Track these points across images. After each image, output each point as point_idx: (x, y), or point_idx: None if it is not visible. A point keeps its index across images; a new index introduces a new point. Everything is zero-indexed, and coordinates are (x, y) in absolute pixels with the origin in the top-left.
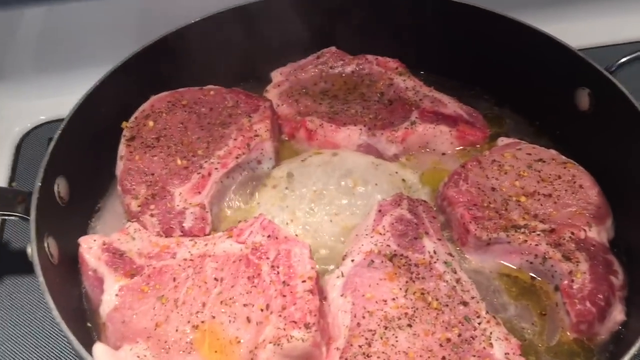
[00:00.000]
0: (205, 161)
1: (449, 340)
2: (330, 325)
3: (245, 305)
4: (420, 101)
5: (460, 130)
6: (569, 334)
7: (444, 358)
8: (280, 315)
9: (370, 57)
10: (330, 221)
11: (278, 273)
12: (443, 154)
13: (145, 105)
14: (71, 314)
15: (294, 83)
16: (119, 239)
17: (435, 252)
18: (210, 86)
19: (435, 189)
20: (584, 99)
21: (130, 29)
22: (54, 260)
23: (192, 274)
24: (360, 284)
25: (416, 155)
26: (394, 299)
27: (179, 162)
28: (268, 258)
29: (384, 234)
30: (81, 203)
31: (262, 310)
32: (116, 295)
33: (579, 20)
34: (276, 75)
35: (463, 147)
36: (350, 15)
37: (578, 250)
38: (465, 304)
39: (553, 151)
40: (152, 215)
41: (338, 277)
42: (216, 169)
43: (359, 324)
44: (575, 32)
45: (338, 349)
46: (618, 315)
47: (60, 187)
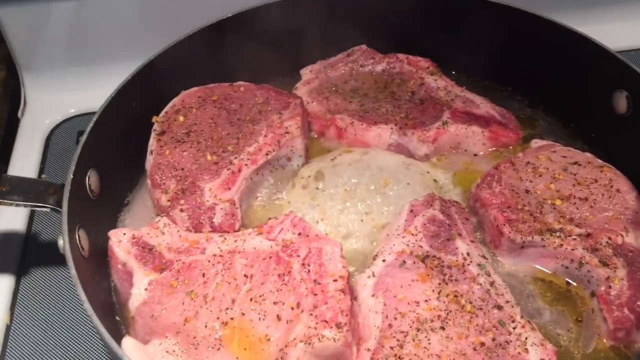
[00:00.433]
0: (235, 157)
1: (482, 344)
2: (360, 326)
3: (275, 303)
4: (451, 101)
5: (492, 131)
6: (605, 341)
7: None
8: (312, 314)
9: (401, 56)
10: (361, 220)
11: (309, 271)
12: (475, 155)
13: (175, 100)
14: (100, 307)
15: (323, 81)
16: (149, 233)
17: (468, 254)
18: (240, 82)
19: (467, 190)
20: (621, 102)
21: (162, 22)
22: (84, 253)
23: (222, 270)
24: (392, 285)
25: (447, 156)
26: (426, 301)
27: (208, 158)
28: (299, 256)
29: (416, 235)
30: (111, 196)
31: (293, 309)
32: (145, 290)
33: (618, 22)
34: (306, 72)
35: (495, 149)
36: (382, 14)
37: (615, 255)
38: (499, 307)
39: (589, 154)
40: (182, 210)
41: (369, 277)
42: (246, 165)
43: (390, 325)
44: (614, 34)
45: (369, 349)
46: None
47: (92, 180)
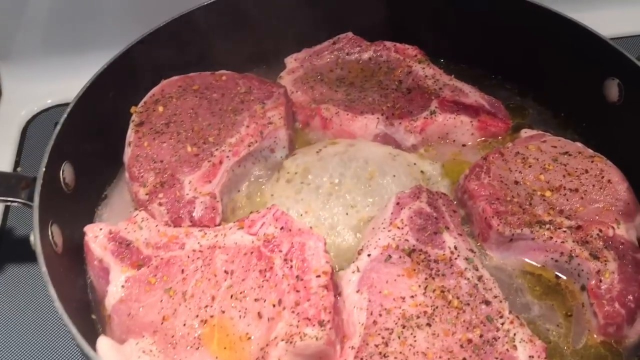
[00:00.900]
0: (217, 149)
1: (470, 341)
2: (344, 323)
3: (256, 300)
4: (440, 90)
5: (481, 120)
6: (596, 336)
7: None
8: (293, 312)
9: (389, 44)
10: (346, 214)
11: (291, 267)
12: (463, 145)
13: (155, 90)
14: (75, 305)
15: (308, 69)
16: (126, 228)
17: (456, 248)
18: (222, 71)
19: (455, 181)
20: (613, 90)
21: (140, 11)
22: (57, 249)
23: (201, 266)
24: (377, 280)
25: (435, 146)
26: (412, 297)
27: (189, 149)
28: (281, 251)
29: (402, 228)
30: (87, 190)
31: (274, 306)
32: (122, 287)
33: (610, 8)
34: (290, 61)
35: (484, 139)
36: (367, 0)
37: (606, 248)
38: (487, 303)
39: (579, 144)
40: (161, 204)
41: (353, 272)
42: (227, 157)
43: (375, 322)
44: (605, 20)
45: (353, 347)
46: None
47: (66, 173)
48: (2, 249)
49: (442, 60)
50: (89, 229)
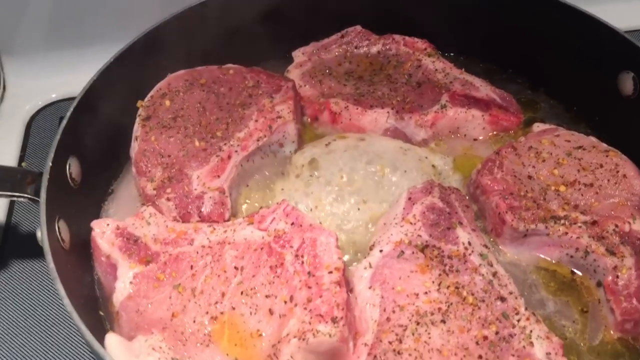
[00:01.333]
0: (225, 143)
1: (485, 338)
2: (357, 319)
3: (267, 297)
4: (450, 84)
5: (493, 114)
6: (612, 332)
7: (480, 357)
8: (306, 308)
9: (398, 37)
10: (358, 209)
11: (302, 263)
12: (474, 139)
13: (161, 84)
14: (82, 301)
15: (316, 63)
16: (134, 224)
17: (469, 244)
18: (229, 65)
19: (466, 176)
20: (627, 84)
21: (146, 4)
22: (65, 245)
23: (211, 262)
24: (390, 276)
25: (446, 141)
26: (426, 293)
27: (196, 144)
28: (292, 247)
29: (415, 224)
30: (94, 185)
31: (286, 302)
32: (130, 283)
33: (622, 2)
34: (298, 54)
35: (496, 133)
36: None
37: (622, 244)
38: (502, 299)
39: (593, 138)
40: (169, 199)
41: (365, 268)
42: (236, 151)
43: (388, 319)
44: (620, 14)
45: (366, 344)
46: None
47: (73, 168)
48: (8, 245)
49: (452, 54)
50: (96, 224)
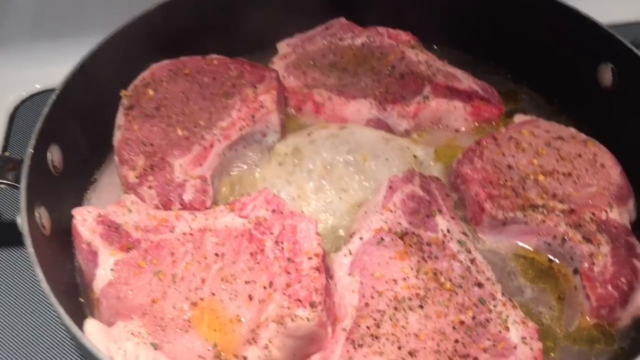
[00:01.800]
0: (208, 132)
1: (462, 322)
2: (336, 305)
3: (247, 283)
4: (433, 75)
5: (474, 106)
6: (588, 319)
7: (456, 341)
8: (285, 293)
9: (381, 29)
10: (339, 198)
11: (282, 249)
12: (456, 130)
13: (145, 74)
14: (62, 288)
15: (301, 55)
16: (115, 212)
17: (448, 231)
18: (213, 55)
19: (448, 166)
20: (607, 75)
21: None
22: (45, 232)
23: (192, 249)
24: (369, 263)
25: (428, 131)
26: (404, 279)
27: (179, 133)
28: (272, 233)
29: (395, 211)
30: (76, 173)
31: (265, 288)
32: (111, 270)
33: None
34: (283, 46)
35: (477, 124)
36: None
37: (599, 231)
38: (480, 285)
39: (573, 129)
40: (151, 187)
41: (345, 255)
42: (219, 140)
43: (367, 304)
44: (598, 8)
45: (345, 329)
46: None
47: (54, 156)
48: None
49: (436, 47)
50: (77, 212)
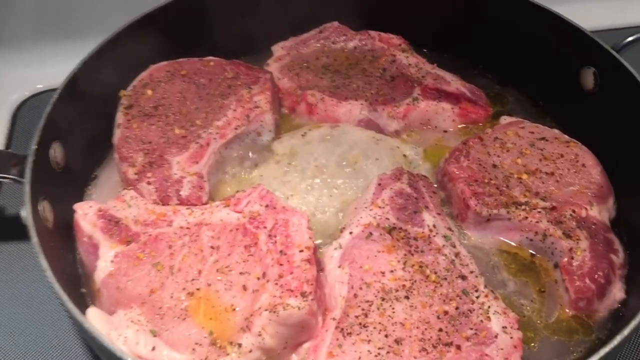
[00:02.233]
0: (204, 131)
1: (446, 312)
2: (327, 297)
3: (241, 274)
4: (422, 78)
5: (462, 107)
6: (567, 311)
7: (440, 330)
8: (277, 284)
9: (373, 33)
10: (330, 196)
11: (275, 242)
12: (445, 131)
13: (144, 74)
14: (65, 278)
15: (295, 57)
16: (115, 206)
17: (434, 226)
18: (210, 57)
19: (436, 165)
20: (589, 79)
21: None
22: (48, 225)
23: (188, 242)
24: (358, 256)
25: (418, 132)
26: (392, 271)
27: (177, 132)
28: (265, 227)
29: (383, 207)
30: (78, 170)
31: (259, 279)
32: (111, 262)
33: (584, 3)
34: (277, 49)
35: (465, 125)
36: None
37: (579, 228)
38: (463, 277)
39: (556, 130)
40: (149, 183)
41: (336, 249)
42: (215, 139)
43: (355, 295)
44: (580, 14)
45: (334, 319)
46: (617, 293)
47: (57, 152)
48: None
49: (426, 50)
50: (78, 206)
